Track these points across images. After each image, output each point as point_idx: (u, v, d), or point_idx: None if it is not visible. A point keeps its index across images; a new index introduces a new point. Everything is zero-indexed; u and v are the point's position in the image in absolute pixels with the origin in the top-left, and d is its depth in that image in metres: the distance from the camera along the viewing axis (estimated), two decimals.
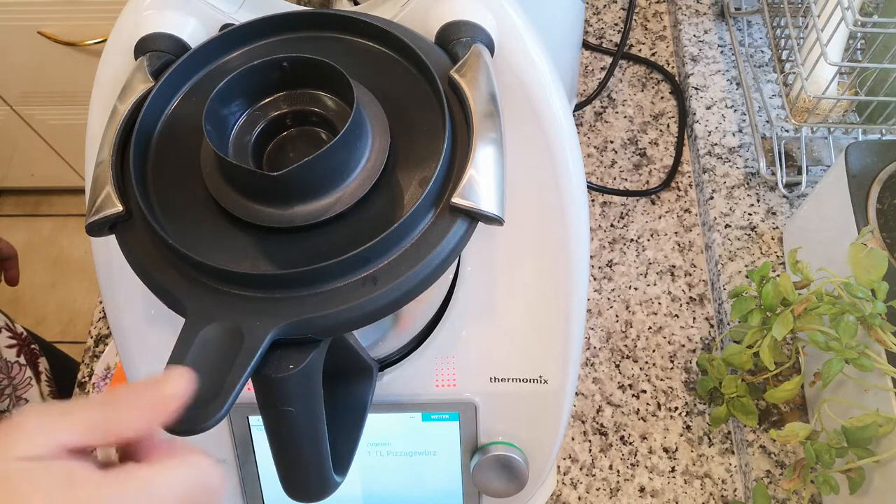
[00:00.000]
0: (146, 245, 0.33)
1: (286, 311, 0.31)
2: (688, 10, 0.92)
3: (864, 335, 0.53)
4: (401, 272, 0.32)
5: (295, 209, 0.32)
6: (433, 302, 0.47)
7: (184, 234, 0.33)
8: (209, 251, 0.33)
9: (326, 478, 0.39)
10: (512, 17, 0.41)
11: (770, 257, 0.74)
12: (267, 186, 0.32)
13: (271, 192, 0.32)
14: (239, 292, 0.31)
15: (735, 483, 0.66)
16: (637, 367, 0.71)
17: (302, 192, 0.32)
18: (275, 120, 0.35)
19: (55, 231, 1.87)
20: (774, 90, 0.83)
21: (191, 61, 0.37)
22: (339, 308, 0.31)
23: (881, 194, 0.59)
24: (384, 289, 0.31)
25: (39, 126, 1.54)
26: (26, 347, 0.83)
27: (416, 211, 0.32)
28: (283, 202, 0.32)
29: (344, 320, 0.31)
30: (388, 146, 0.34)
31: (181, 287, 0.32)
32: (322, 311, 0.31)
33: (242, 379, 0.30)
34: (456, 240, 0.33)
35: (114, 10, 1.13)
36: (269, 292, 0.31)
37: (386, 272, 0.32)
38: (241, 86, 0.34)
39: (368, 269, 0.31)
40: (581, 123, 0.86)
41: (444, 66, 0.37)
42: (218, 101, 0.33)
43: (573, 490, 0.66)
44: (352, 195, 0.33)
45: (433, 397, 0.50)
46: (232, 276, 0.31)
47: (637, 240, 0.79)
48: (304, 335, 0.32)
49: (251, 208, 0.33)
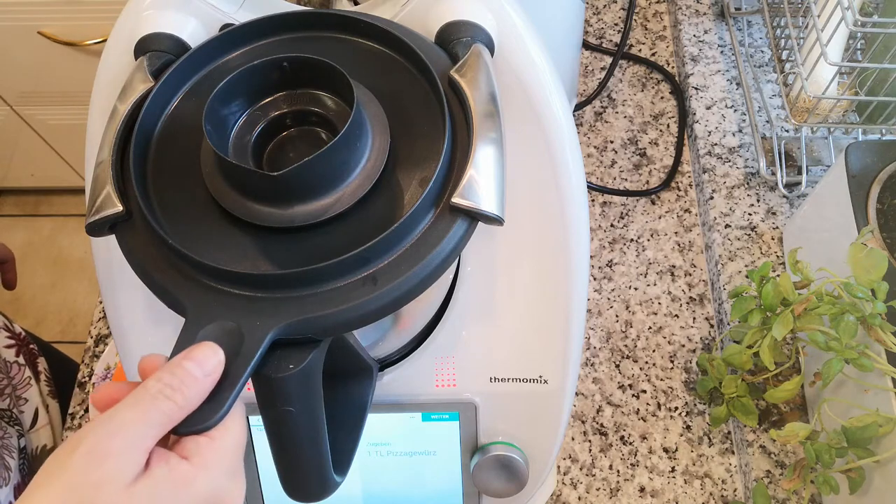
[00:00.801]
0: (146, 245, 0.33)
1: (286, 311, 0.31)
2: (688, 10, 0.92)
3: (864, 335, 0.53)
4: (401, 272, 0.31)
5: (295, 209, 0.32)
6: (433, 302, 0.47)
7: (184, 234, 0.33)
8: (209, 251, 0.33)
9: (326, 478, 0.39)
10: (512, 17, 0.41)
11: (770, 257, 0.74)
12: (267, 186, 0.32)
13: (271, 192, 0.32)
14: (239, 292, 0.31)
15: (735, 483, 0.66)
16: (637, 367, 0.71)
17: (302, 192, 0.32)
18: (275, 120, 0.35)
19: (55, 231, 1.87)
20: (774, 90, 0.83)
21: (191, 61, 0.37)
22: (338, 308, 0.31)
23: (881, 194, 0.59)
24: (384, 289, 0.31)
25: (39, 126, 1.54)
26: (25, 347, 0.83)
27: (416, 211, 0.32)
28: (284, 202, 0.32)
29: (344, 320, 0.31)
30: (388, 146, 0.34)
31: (181, 287, 0.32)
32: (322, 312, 0.31)
33: (242, 379, 0.30)
34: (456, 240, 0.33)
35: (114, 10, 1.13)
36: (268, 292, 0.31)
37: (386, 272, 0.32)
38: (242, 86, 0.34)
39: (368, 269, 0.31)
40: (581, 123, 0.86)
41: (444, 65, 0.37)
42: (218, 100, 0.33)
43: (573, 490, 0.66)
44: (352, 195, 0.33)
45: (433, 397, 0.50)
46: (231, 275, 0.31)
47: (637, 240, 0.79)
48: (304, 335, 0.32)
49: (251, 208, 0.33)
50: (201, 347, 0.30)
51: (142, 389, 0.29)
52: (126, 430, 0.27)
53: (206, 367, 0.29)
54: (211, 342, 0.30)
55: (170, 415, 0.28)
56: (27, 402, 0.78)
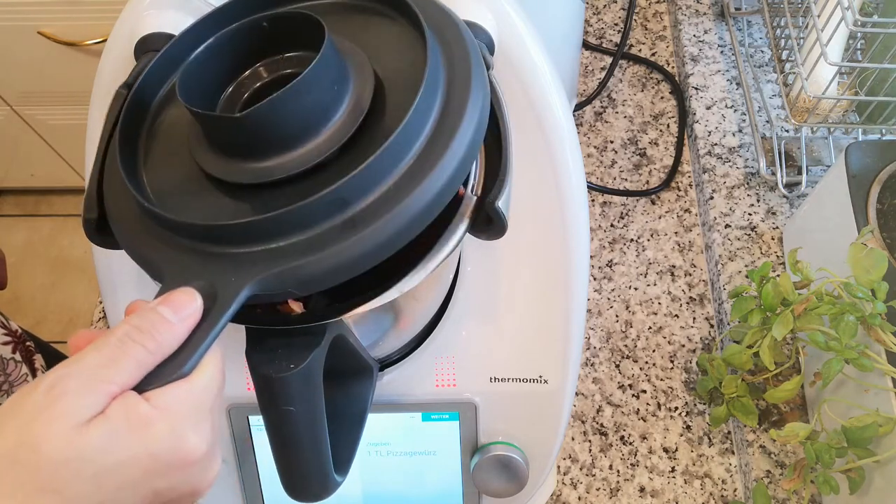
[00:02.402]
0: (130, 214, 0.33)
1: (262, 265, 0.29)
2: (688, 10, 0.92)
3: (864, 335, 0.53)
4: (381, 214, 0.29)
5: (273, 161, 0.31)
6: (433, 302, 0.47)
7: (167, 199, 0.33)
8: (189, 213, 0.32)
9: (327, 478, 0.39)
10: (512, 17, 0.41)
11: (770, 257, 0.74)
12: (236, 133, 0.31)
13: (244, 141, 0.31)
14: (214, 250, 0.30)
15: (735, 483, 0.66)
16: (637, 367, 0.71)
17: (276, 139, 0.31)
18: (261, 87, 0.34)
19: (55, 231, 1.87)
20: (774, 90, 0.83)
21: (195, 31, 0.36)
22: (315, 256, 0.29)
23: (881, 194, 0.59)
24: (364, 231, 0.29)
25: (39, 126, 1.54)
26: (21, 345, 0.83)
27: (395, 144, 0.30)
28: (261, 154, 0.31)
29: (322, 270, 0.29)
30: (370, 92, 0.32)
31: (157, 250, 0.31)
32: (298, 261, 0.29)
33: (212, 334, 0.29)
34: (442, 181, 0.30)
35: (114, 10, 1.13)
36: (243, 246, 0.30)
37: (366, 215, 0.29)
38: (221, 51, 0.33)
39: (347, 213, 0.29)
40: (581, 123, 0.86)
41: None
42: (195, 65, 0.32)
43: (573, 490, 0.66)
44: (330, 142, 0.31)
45: (433, 397, 0.50)
46: (198, 229, 0.30)
47: (637, 240, 0.79)
48: (282, 290, 0.30)
49: (229, 166, 0.31)
50: (178, 292, 0.29)
51: (110, 332, 0.28)
52: (86, 371, 0.26)
53: (181, 311, 0.28)
54: (189, 287, 0.29)
55: (138, 360, 0.27)
56: None
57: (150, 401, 0.27)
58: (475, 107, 0.32)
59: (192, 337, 0.29)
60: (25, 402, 0.26)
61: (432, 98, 0.31)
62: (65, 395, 0.26)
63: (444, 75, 0.32)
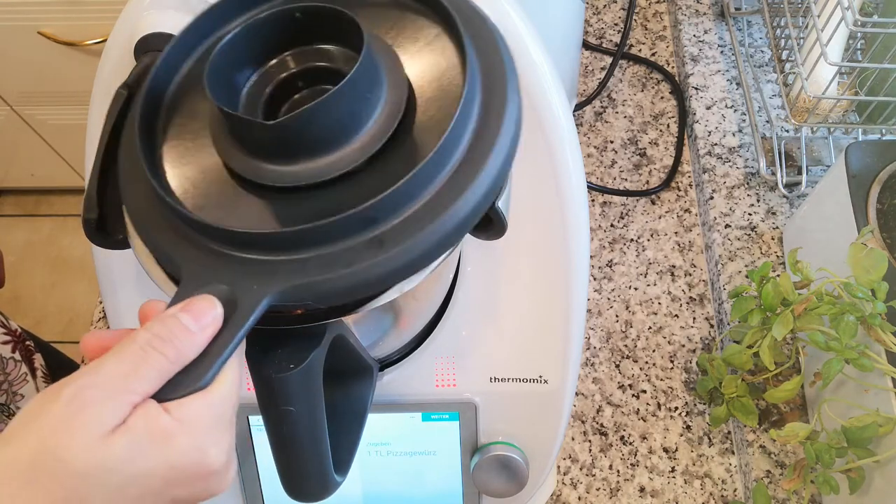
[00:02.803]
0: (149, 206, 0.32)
1: (284, 275, 0.29)
2: (688, 10, 0.92)
3: (864, 335, 0.53)
4: (410, 234, 0.29)
5: (301, 166, 0.30)
6: (433, 302, 0.47)
7: (190, 196, 0.32)
8: (211, 213, 0.31)
9: (327, 478, 0.39)
10: (512, 17, 0.41)
11: (770, 257, 0.74)
12: (266, 137, 0.30)
13: (273, 146, 0.30)
14: (236, 254, 0.29)
15: (735, 483, 0.66)
16: (637, 367, 0.71)
17: (306, 145, 0.30)
18: (288, 78, 0.33)
19: (55, 231, 1.87)
20: (774, 90, 0.83)
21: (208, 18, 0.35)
22: (340, 272, 0.28)
23: (881, 194, 0.59)
24: (391, 252, 0.28)
25: (39, 126, 1.54)
26: (21, 344, 0.83)
27: (429, 166, 0.29)
28: (288, 157, 0.30)
29: (346, 286, 0.29)
30: (404, 100, 0.31)
31: (176, 246, 0.30)
32: (322, 276, 0.28)
33: (232, 344, 0.28)
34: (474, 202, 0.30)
35: (114, 10, 1.13)
36: (266, 254, 0.29)
37: (393, 234, 0.29)
38: (251, 40, 0.32)
39: (374, 230, 0.29)
40: (581, 123, 0.86)
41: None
42: (222, 55, 0.31)
43: (573, 490, 0.66)
44: (361, 151, 0.30)
45: (433, 397, 0.50)
46: (224, 234, 0.29)
47: (637, 240, 0.79)
48: (302, 302, 0.29)
49: (256, 166, 0.31)
50: (199, 300, 0.28)
51: (130, 340, 0.27)
52: (108, 381, 0.26)
53: (202, 320, 0.28)
54: (209, 295, 0.28)
55: (159, 369, 0.27)
56: (23, 398, 0.79)
57: (170, 413, 0.27)
58: (510, 121, 0.31)
59: (212, 346, 0.28)
60: (46, 412, 0.26)
61: (468, 116, 0.30)
62: (88, 406, 0.26)
63: (480, 90, 0.31)
